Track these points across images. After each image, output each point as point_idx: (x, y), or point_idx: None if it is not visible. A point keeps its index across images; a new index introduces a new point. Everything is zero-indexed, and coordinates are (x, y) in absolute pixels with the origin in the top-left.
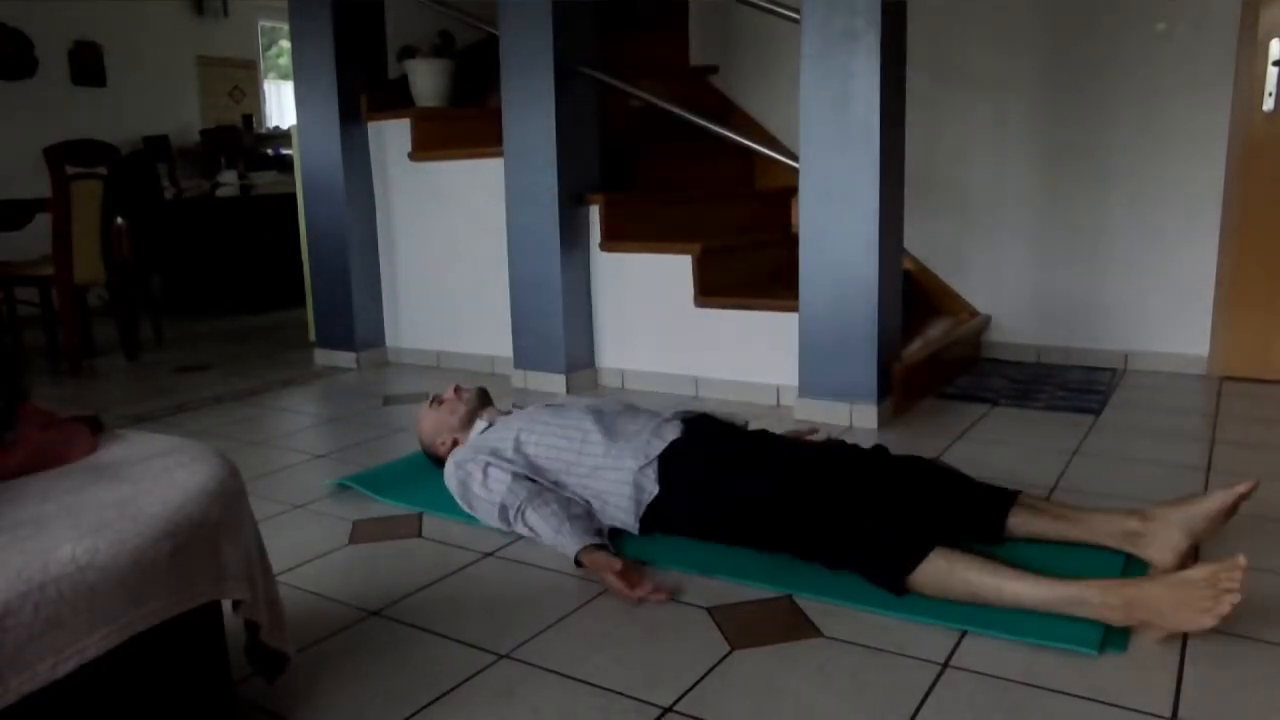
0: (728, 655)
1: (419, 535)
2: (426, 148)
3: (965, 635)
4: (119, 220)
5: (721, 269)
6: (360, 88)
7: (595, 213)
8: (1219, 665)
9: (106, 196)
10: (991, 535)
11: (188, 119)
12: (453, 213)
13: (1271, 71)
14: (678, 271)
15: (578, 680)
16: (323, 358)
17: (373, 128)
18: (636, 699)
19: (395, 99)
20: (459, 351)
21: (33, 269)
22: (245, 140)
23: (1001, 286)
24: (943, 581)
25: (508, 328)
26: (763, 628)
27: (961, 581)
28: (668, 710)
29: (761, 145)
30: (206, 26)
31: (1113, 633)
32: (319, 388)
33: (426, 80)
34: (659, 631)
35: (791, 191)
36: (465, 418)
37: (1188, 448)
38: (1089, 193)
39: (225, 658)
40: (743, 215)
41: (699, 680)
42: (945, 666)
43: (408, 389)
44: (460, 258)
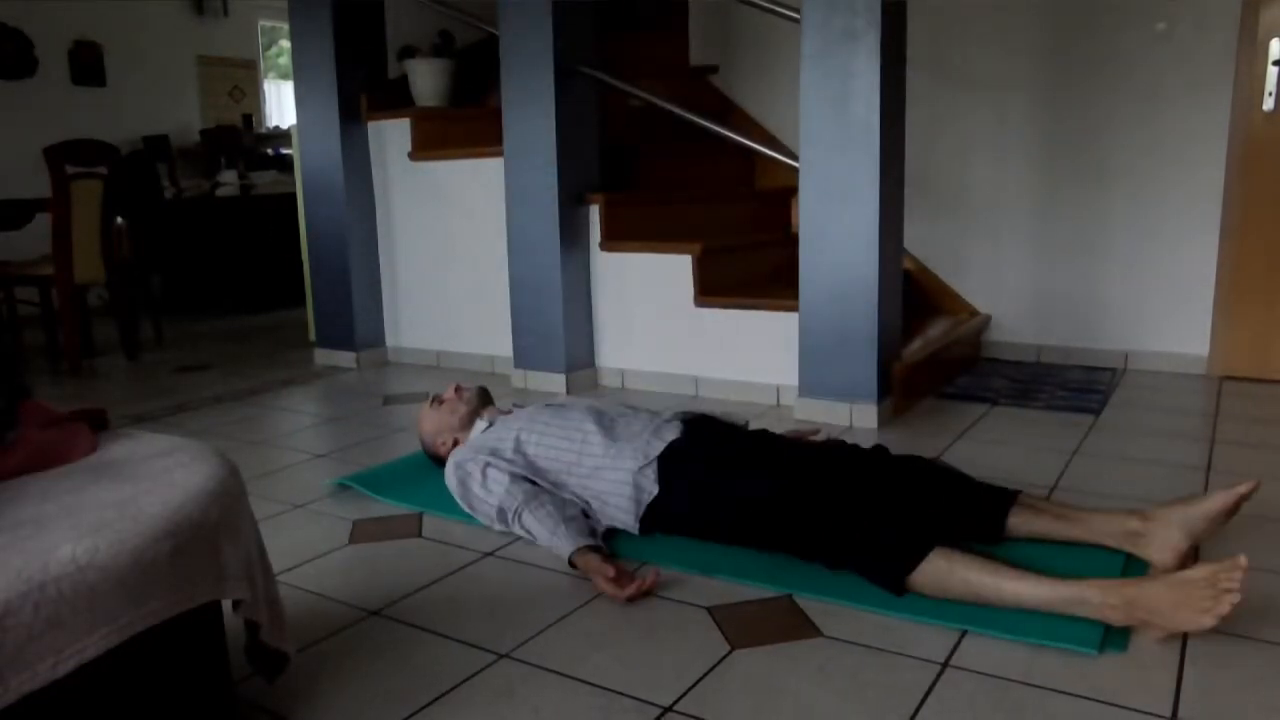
0: (728, 655)
1: (419, 535)
2: (426, 148)
3: (965, 635)
4: (119, 220)
5: (721, 269)
6: (360, 87)
7: (595, 213)
8: (1219, 665)
9: (106, 196)
10: (991, 535)
11: (188, 119)
12: (453, 213)
13: (1271, 71)
14: (678, 271)
15: (578, 680)
16: (323, 357)
17: (373, 127)
18: (636, 699)
19: (395, 99)
20: (459, 351)
21: (33, 269)
22: (245, 140)
23: (1001, 286)
24: (943, 581)
25: (508, 328)
26: (763, 628)
27: (961, 581)
28: (668, 710)
29: (761, 145)
30: (206, 26)
31: (1113, 633)
32: (319, 387)
33: (426, 80)
34: (659, 631)
35: (791, 191)
36: (466, 418)
37: (1188, 447)
38: (1089, 192)
39: (225, 658)
40: (743, 215)
41: (699, 680)
42: (945, 666)
43: (408, 389)
44: (460, 258)
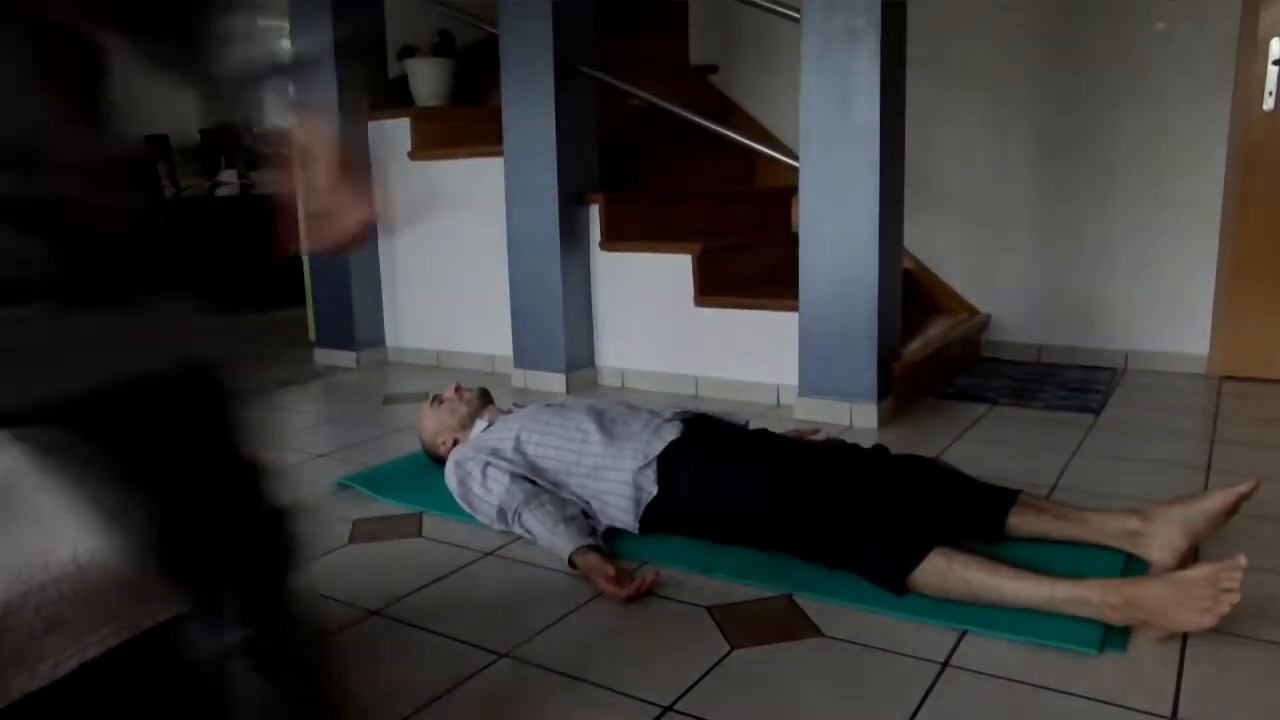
0: (727, 655)
1: (419, 535)
2: (426, 147)
3: (965, 635)
4: None
5: (721, 269)
6: (360, 87)
7: (595, 212)
8: (1219, 665)
9: None
10: (992, 535)
11: (187, 118)
12: (453, 212)
13: (1271, 70)
14: (678, 271)
15: (578, 679)
16: (323, 357)
17: (372, 127)
18: (636, 699)
19: (395, 98)
20: (459, 351)
21: None
22: (245, 139)
23: (1001, 286)
24: (943, 581)
25: (508, 327)
26: (763, 627)
27: (961, 581)
28: (668, 710)
29: (761, 145)
30: None
31: (1112, 632)
32: (319, 387)
33: (426, 79)
34: (659, 631)
35: (791, 191)
36: (466, 417)
37: (1188, 447)
38: (1089, 192)
39: None
40: (743, 215)
41: (699, 680)
42: (945, 666)
43: (408, 388)
44: (460, 257)
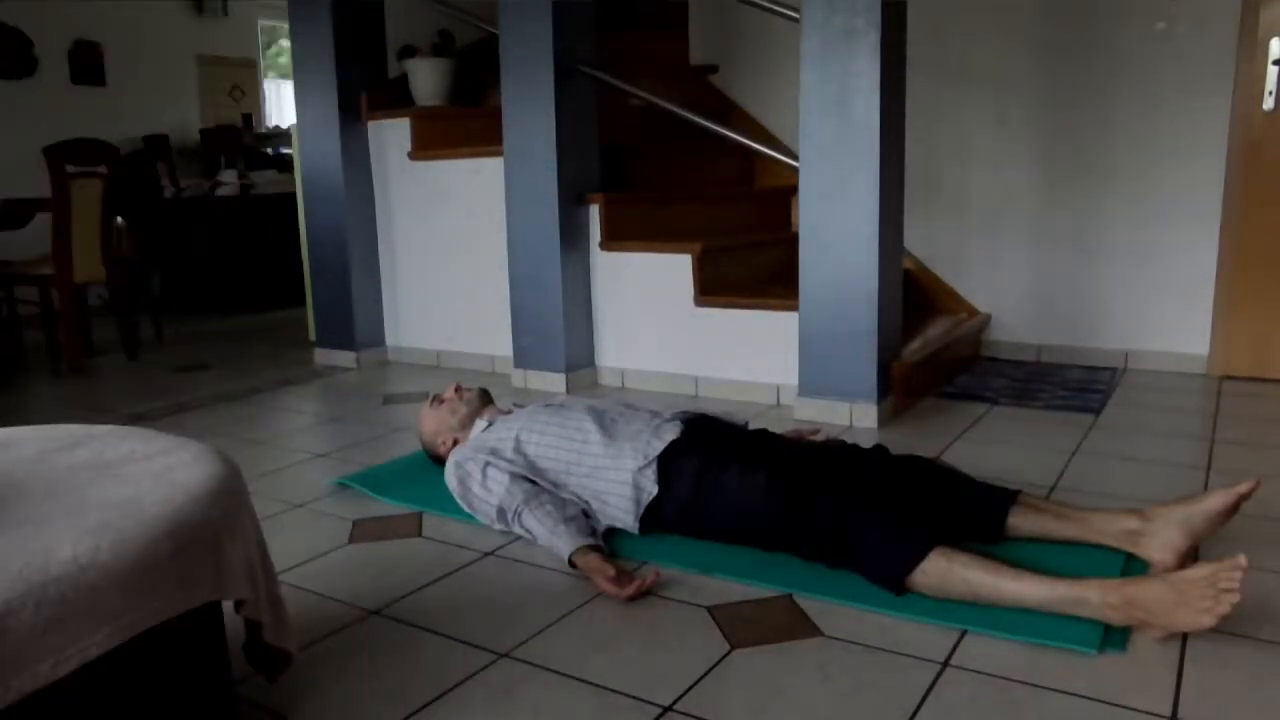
0: (727, 655)
1: (419, 534)
2: (426, 147)
3: (965, 634)
4: (119, 220)
5: (721, 268)
6: (360, 87)
7: (595, 212)
8: (1219, 665)
9: (106, 196)
10: (991, 535)
11: (187, 118)
12: (453, 212)
13: (1271, 70)
14: (678, 271)
15: (578, 680)
16: (323, 357)
17: (372, 127)
18: (636, 698)
19: (395, 98)
20: (459, 351)
21: (33, 268)
22: (245, 139)
23: (1001, 286)
24: (943, 581)
25: (508, 327)
26: (763, 627)
27: (961, 581)
28: (667, 709)
29: (761, 145)
30: (206, 26)
31: (1113, 632)
32: (319, 387)
33: (426, 79)
34: (659, 631)
35: (791, 191)
36: (466, 417)
37: (1188, 447)
38: (1089, 191)
39: (226, 657)
40: (743, 215)
41: (699, 680)
42: (945, 666)
43: (408, 388)
44: (460, 257)
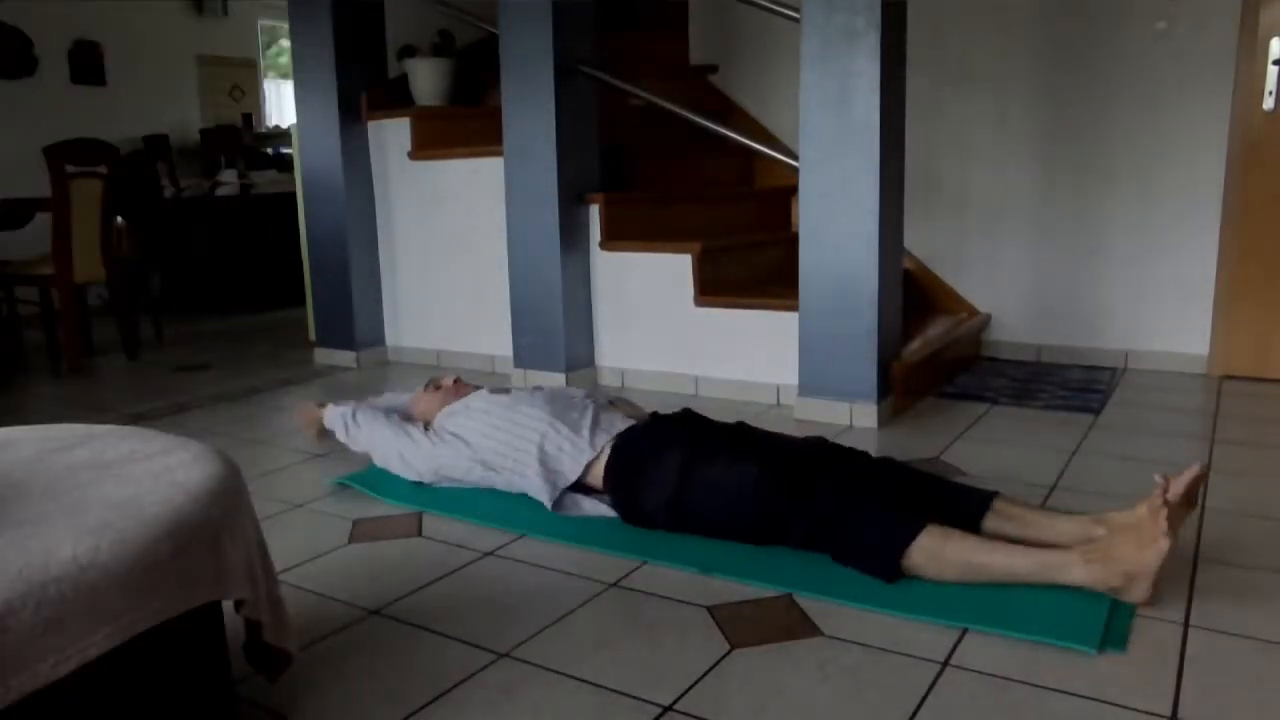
0: (727, 654)
1: (419, 534)
2: (426, 147)
3: (965, 634)
4: (119, 219)
5: (721, 268)
6: (360, 87)
7: (595, 212)
8: (1219, 665)
9: (106, 196)
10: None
11: (187, 118)
12: (453, 212)
13: (1271, 70)
14: (678, 271)
15: (578, 679)
16: (323, 357)
17: (372, 127)
18: (636, 698)
19: (395, 98)
20: (459, 351)
21: (33, 268)
22: (245, 139)
23: (1001, 285)
24: (937, 558)
25: (508, 327)
26: (762, 627)
27: (956, 553)
28: (667, 709)
29: (761, 144)
30: (206, 25)
31: (1112, 632)
32: (319, 387)
33: (426, 79)
34: (659, 631)
35: (791, 191)
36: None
37: (1188, 447)
38: (1089, 191)
39: (226, 657)
40: (742, 215)
41: (699, 679)
42: (945, 665)
43: (408, 388)
44: (460, 257)
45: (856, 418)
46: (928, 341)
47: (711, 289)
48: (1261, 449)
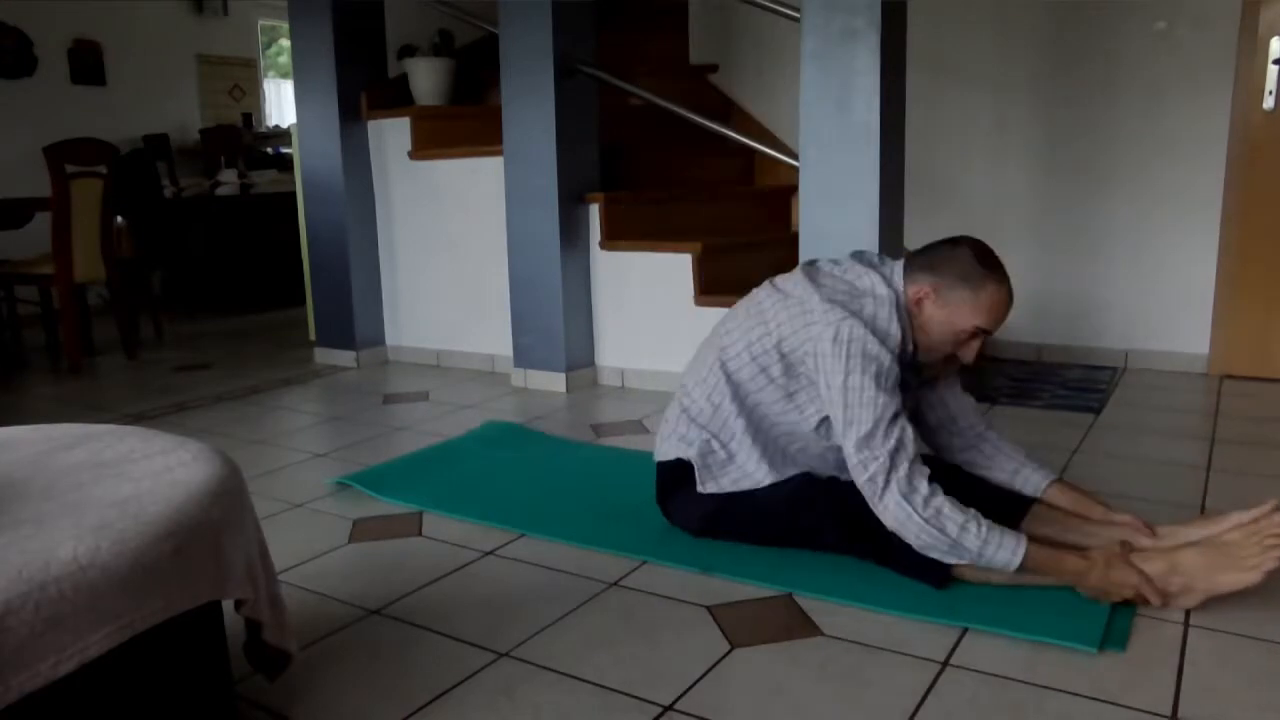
0: (728, 654)
1: (419, 534)
2: (426, 146)
3: (965, 633)
4: (119, 219)
5: (722, 268)
6: (360, 86)
7: (595, 212)
8: (1219, 665)
9: (106, 195)
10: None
11: (187, 118)
12: (453, 212)
13: (1271, 70)
14: (678, 270)
15: (578, 679)
16: (323, 356)
17: (372, 126)
18: (636, 697)
19: (395, 97)
20: (459, 350)
21: (33, 268)
22: (245, 139)
23: None
24: (984, 570)
25: (508, 327)
26: (762, 626)
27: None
28: (668, 709)
29: (761, 144)
30: (206, 25)
31: (1113, 631)
32: (319, 386)
33: (426, 79)
34: (659, 630)
35: (791, 190)
36: None
37: (1188, 446)
38: (1089, 191)
39: (226, 656)
40: (743, 214)
41: (699, 679)
42: (945, 665)
43: (408, 388)
44: (460, 257)
45: None
46: None
47: (711, 289)
48: (1261, 449)
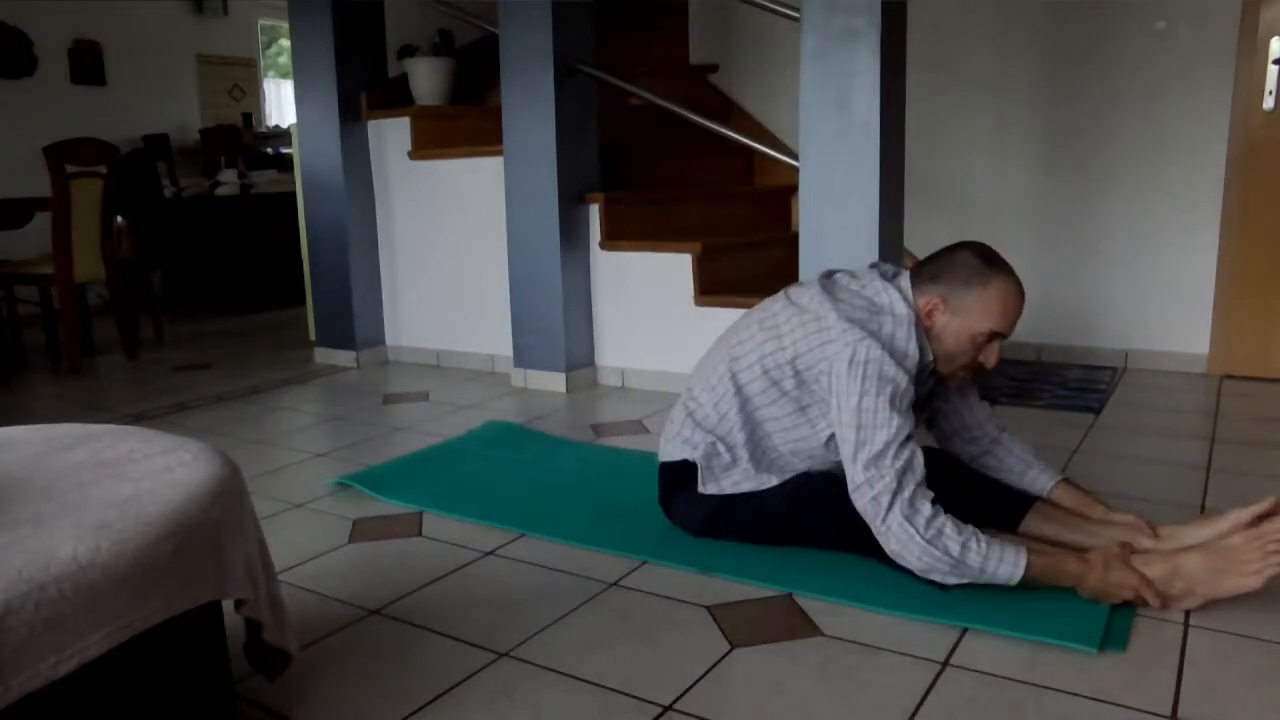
0: (728, 654)
1: (419, 534)
2: (426, 146)
3: (965, 633)
4: (119, 219)
5: (722, 268)
6: (360, 86)
7: (595, 212)
8: (1219, 665)
9: (106, 195)
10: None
11: (187, 117)
12: (453, 212)
13: (1271, 70)
14: (678, 270)
15: (578, 679)
16: (323, 356)
17: (372, 126)
18: (636, 697)
19: (395, 97)
20: (459, 350)
21: (33, 268)
22: (245, 139)
23: None
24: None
25: (508, 327)
26: (762, 626)
27: None
28: (668, 709)
29: (761, 144)
30: (206, 25)
31: (1113, 631)
32: (319, 386)
33: (426, 79)
34: (659, 630)
35: (791, 190)
36: None
37: (1188, 446)
38: (1089, 191)
39: (226, 656)
40: (743, 214)
41: (699, 679)
42: (945, 665)
43: (408, 388)
44: (460, 257)
45: None
46: None
47: (711, 289)
48: (1261, 449)
